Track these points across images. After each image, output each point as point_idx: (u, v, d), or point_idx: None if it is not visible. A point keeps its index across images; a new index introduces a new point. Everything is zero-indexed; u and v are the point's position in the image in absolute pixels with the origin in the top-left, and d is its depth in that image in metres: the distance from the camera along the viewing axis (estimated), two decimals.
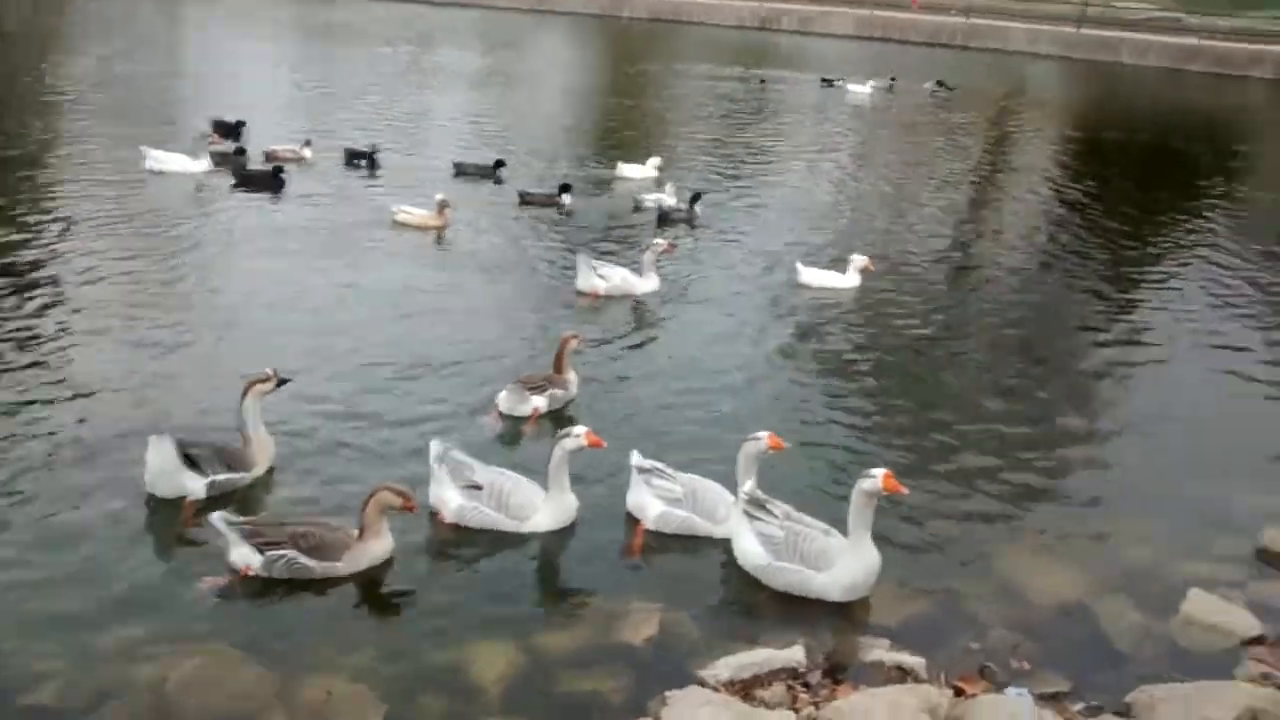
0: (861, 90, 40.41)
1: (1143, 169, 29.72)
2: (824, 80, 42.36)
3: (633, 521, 8.78)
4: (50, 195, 18.34)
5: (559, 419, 10.69)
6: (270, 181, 19.45)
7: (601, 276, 14.76)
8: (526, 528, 8.47)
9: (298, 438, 9.88)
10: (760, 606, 7.89)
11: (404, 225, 17.50)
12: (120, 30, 45.93)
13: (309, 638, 7.23)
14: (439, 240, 17.23)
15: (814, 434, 10.76)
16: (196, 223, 17.17)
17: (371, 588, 7.87)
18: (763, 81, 41.89)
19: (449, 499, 8.55)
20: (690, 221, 19.39)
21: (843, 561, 7.77)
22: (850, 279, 15.91)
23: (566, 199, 19.62)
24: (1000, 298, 16.40)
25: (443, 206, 17.57)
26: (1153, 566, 8.58)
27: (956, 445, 10.71)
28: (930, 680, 6.84)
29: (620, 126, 31.63)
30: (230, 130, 23.38)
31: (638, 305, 14.65)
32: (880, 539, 8.48)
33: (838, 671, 7.04)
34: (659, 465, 8.80)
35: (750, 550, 8.10)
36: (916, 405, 11.72)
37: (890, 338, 14.09)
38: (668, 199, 20.45)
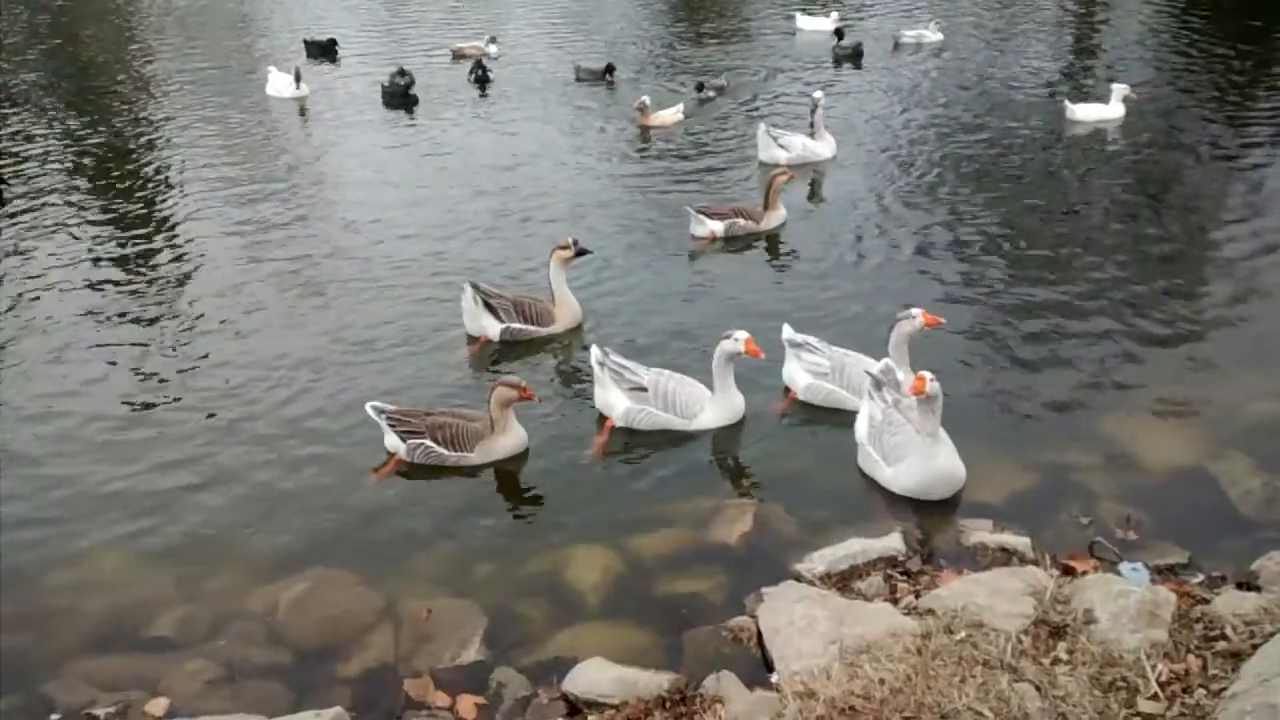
0: None
1: None
2: None
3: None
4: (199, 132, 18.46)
5: (747, 247, 12.17)
6: (402, 99, 19.23)
7: (783, 146, 14.68)
8: (695, 425, 8.47)
9: (607, 299, 10.95)
10: (858, 495, 7.70)
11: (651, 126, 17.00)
12: None
13: (415, 552, 7.33)
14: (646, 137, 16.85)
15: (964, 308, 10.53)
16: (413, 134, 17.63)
17: (494, 489, 8.06)
18: None
19: (615, 403, 8.61)
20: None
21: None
22: (1115, 109, 15.92)
23: (707, 92, 18.82)
24: (1154, 141, 15.57)
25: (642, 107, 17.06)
26: (1276, 425, 8.08)
27: (1073, 308, 10.25)
28: (1036, 560, 6.59)
29: None
30: (323, 49, 23.34)
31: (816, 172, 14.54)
32: (979, 412, 8.48)
33: (939, 557, 6.84)
34: (809, 339, 8.85)
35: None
36: (1051, 275, 11.24)
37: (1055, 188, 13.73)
38: (930, 35, 21.43)
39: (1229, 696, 5.03)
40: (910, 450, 7.49)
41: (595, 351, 8.79)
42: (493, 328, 10.08)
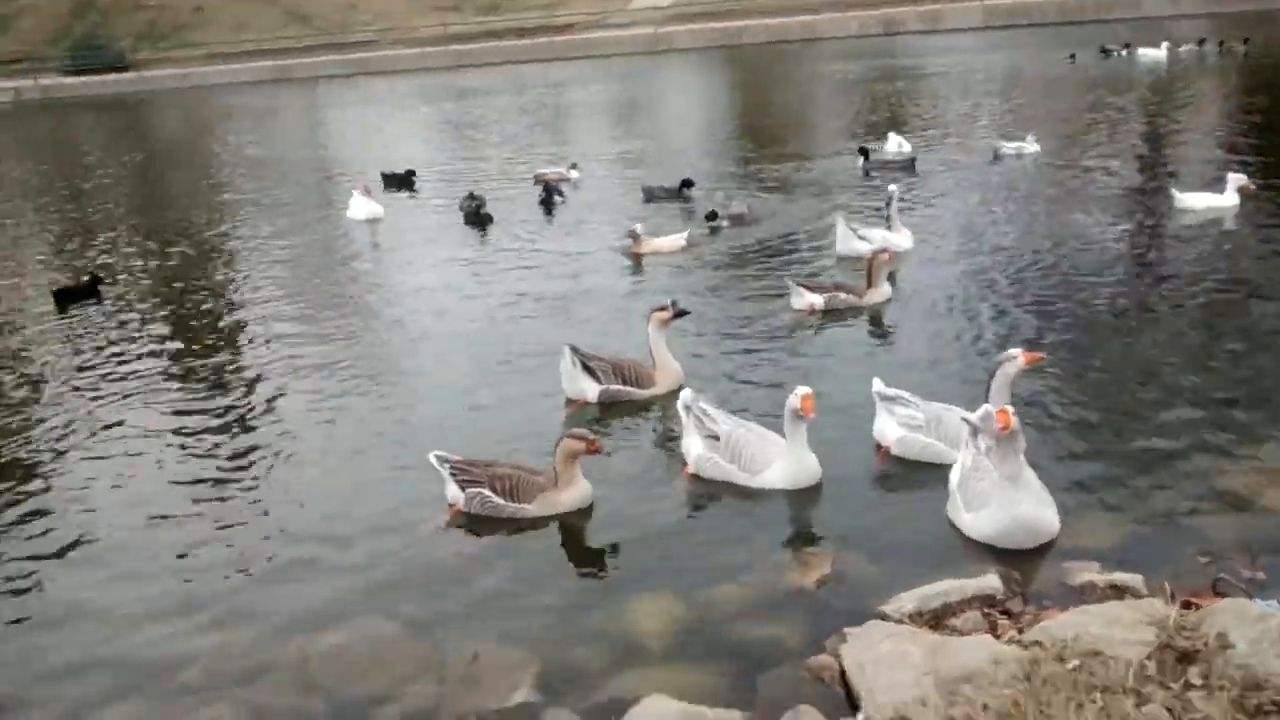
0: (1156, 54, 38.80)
1: None
2: (1102, 49, 40.83)
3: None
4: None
5: (849, 320, 11.88)
6: (476, 218, 19.37)
7: (863, 238, 14.30)
8: (758, 482, 7.96)
9: (713, 359, 10.90)
10: (949, 543, 7.02)
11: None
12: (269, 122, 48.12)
13: (466, 603, 6.82)
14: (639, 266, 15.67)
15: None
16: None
17: (558, 541, 7.62)
18: (1072, 57, 39.81)
19: (691, 448, 8.30)
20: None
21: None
22: (1230, 198, 15.35)
23: (721, 221, 17.56)
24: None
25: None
26: None
27: (1177, 374, 9.53)
28: (1153, 596, 5.86)
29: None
30: (401, 180, 24.05)
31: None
32: (1081, 462, 7.91)
33: (1042, 597, 6.14)
34: (901, 393, 8.40)
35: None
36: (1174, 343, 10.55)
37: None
38: (1029, 147, 21.09)
39: None
40: (994, 496, 6.88)
41: (686, 394, 8.53)
42: (591, 390, 9.90)
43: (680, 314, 9.96)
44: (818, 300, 11.98)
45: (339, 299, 14.68)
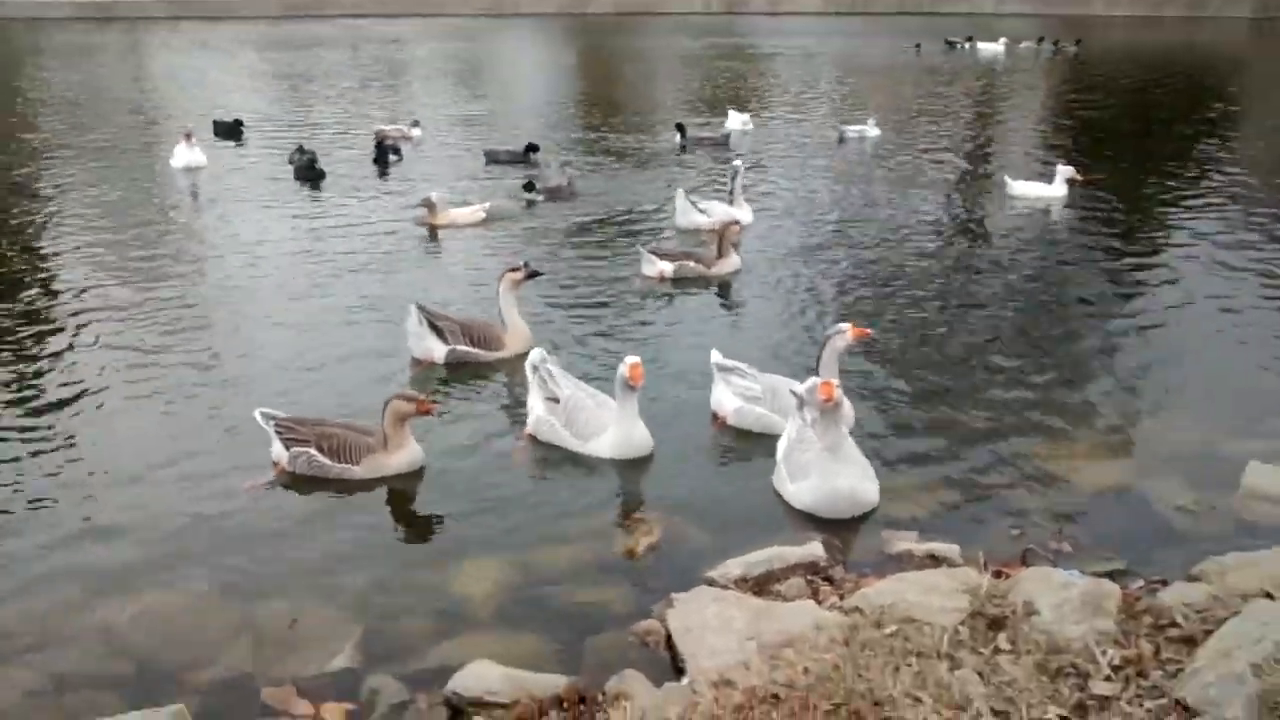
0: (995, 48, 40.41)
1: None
2: (946, 41, 42.21)
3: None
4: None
5: (696, 289, 11.99)
6: (310, 173, 18.58)
7: (702, 211, 14.44)
8: (588, 449, 7.91)
9: (560, 325, 10.77)
10: (777, 512, 7.15)
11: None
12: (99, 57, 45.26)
13: (287, 566, 6.58)
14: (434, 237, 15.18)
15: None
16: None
17: (386, 503, 7.41)
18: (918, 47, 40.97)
19: (533, 407, 8.22)
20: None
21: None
22: (1058, 189, 16.00)
23: (536, 194, 16.96)
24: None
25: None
26: (1204, 447, 7.84)
27: (997, 355, 9.97)
28: (967, 565, 6.10)
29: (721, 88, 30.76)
30: (230, 130, 22.96)
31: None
32: (902, 438, 8.16)
33: (863, 565, 6.32)
34: (739, 364, 8.47)
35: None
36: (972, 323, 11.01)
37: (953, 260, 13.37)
38: (870, 130, 21.53)
39: (1189, 673, 4.55)
40: (815, 467, 7.05)
41: (535, 354, 8.41)
42: (438, 350, 9.63)
43: (533, 275, 9.83)
44: (668, 268, 12.06)
45: (155, 253, 13.87)
